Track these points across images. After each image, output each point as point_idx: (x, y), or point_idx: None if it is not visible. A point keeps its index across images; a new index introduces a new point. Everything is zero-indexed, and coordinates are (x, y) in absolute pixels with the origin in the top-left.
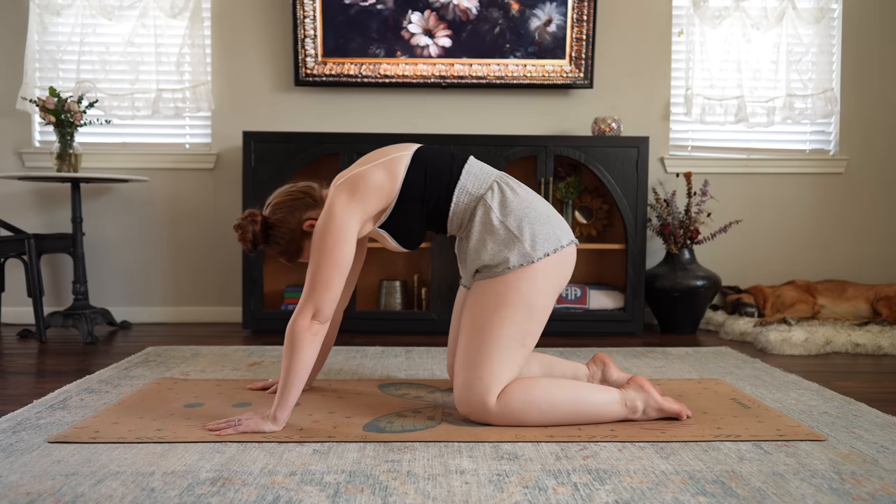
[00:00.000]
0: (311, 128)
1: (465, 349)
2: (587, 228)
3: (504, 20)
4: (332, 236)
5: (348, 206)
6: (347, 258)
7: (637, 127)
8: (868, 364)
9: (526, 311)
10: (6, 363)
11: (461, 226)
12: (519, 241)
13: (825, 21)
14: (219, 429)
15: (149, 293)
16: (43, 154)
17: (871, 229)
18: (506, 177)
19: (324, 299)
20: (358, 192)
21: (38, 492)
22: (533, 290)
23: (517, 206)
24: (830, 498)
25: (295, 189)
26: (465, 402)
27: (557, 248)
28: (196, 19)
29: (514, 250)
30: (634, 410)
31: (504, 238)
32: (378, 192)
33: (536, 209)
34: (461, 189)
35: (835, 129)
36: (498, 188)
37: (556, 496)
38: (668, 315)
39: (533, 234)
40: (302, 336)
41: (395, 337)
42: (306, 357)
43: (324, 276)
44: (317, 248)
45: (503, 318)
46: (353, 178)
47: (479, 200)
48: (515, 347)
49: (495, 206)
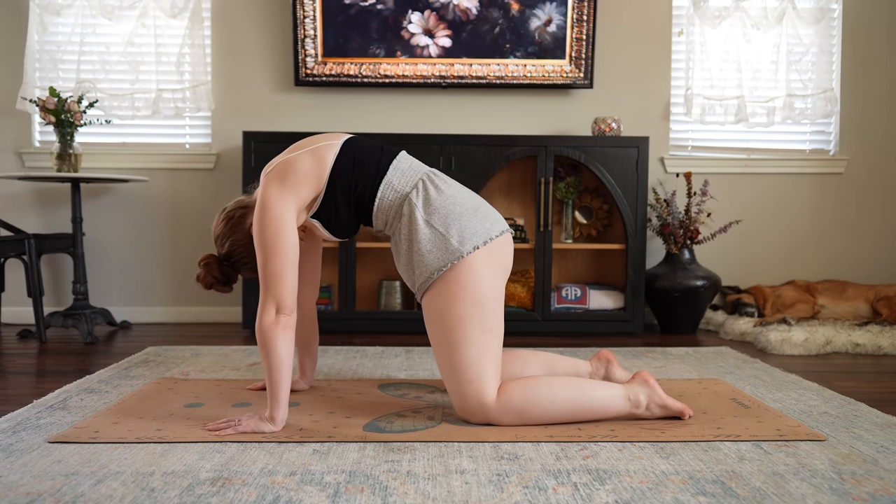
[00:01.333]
0: (311, 128)
1: (441, 362)
2: (587, 228)
3: (504, 20)
4: (272, 227)
5: (281, 194)
6: (293, 246)
7: (637, 127)
8: (868, 364)
9: (477, 304)
10: (6, 363)
11: (387, 223)
12: (446, 239)
13: (825, 21)
14: (219, 429)
15: (149, 293)
16: (43, 154)
17: (871, 229)
18: (434, 173)
19: (281, 291)
20: (288, 179)
21: (38, 492)
22: (475, 283)
23: (442, 204)
24: (830, 498)
25: (227, 211)
26: (464, 409)
27: (487, 240)
28: (196, 19)
29: (445, 249)
30: (638, 405)
31: (431, 238)
32: (307, 178)
33: (463, 204)
34: (387, 185)
35: (835, 129)
36: (423, 186)
37: (556, 496)
38: (668, 315)
39: (461, 229)
40: (271, 332)
41: (395, 337)
42: (282, 352)
43: (274, 269)
44: (259, 244)
45: (460, 319)
46: (281, 165)
47: (404, 199)
48: (484, 340)
49: (420, 204)
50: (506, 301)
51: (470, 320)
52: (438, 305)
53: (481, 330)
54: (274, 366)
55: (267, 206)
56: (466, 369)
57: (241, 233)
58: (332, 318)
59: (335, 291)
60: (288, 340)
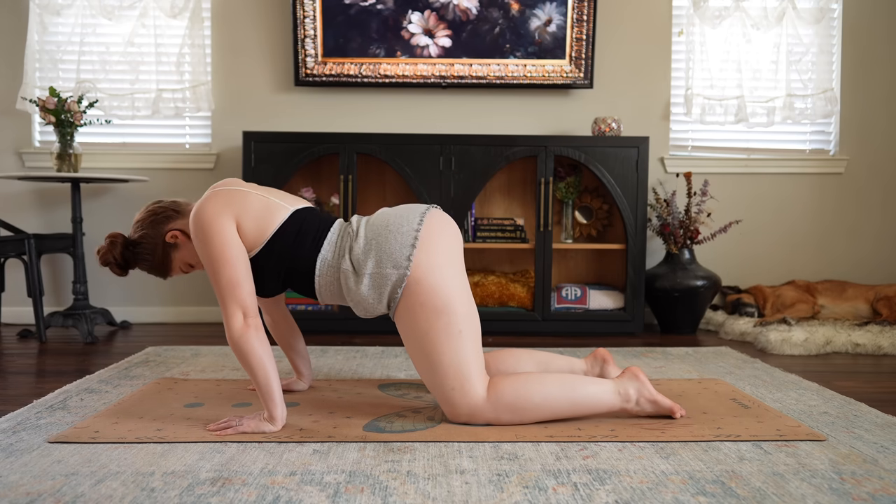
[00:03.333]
0: (311, 128)
1: (423, 376)
2: (587, 228)
3: (504, 20)
4: (216, 242)
5: (220, 210)
6: (241, 255)
7: (637, 127)
8: (868, 364)
9: (437, 313)
10: (6, 363)
11: (333, 295)
12: (382, 275)
13: (825, 21)
14: (219, 429)
15: (149, 293)
16: (43, 154)
17: (871, 229)
18: (348, 224)
19: (241, 296)
20: (234, 206)
21: (38, 492)
22: (428, 293)
23: (361, 249)
24: (830, 498)
25: (158, 205)
26: (454, 415)
27: (414, 242)
28: (196, 19)
29: (388, 279)
30: (628, 399)
31: (372, 282)
32: (254, 221)
33: (376, 231)
34: (322, 260)
35: (835, 129)
36: (343, 248)
37: (556, 496)
38: (668, 315)
39: (386, 254)
40: (244, 336)
41: (395, 337)
42: (260, 352)
43: (230, 278)
44: (208, 259)
45: (426, 333)
46: (231, 192)
47: (338, 270)
48: (456, 344)
49: (348, 266)
50: (506, 301)
51: (435, 332)
52: (404, 325)
53: (449, 335)
54: (257, 367)
55: (208, 223)
56: (447, 378)
57: (158, 233)
58: (332, 319)
59: None
60: (262, 340)
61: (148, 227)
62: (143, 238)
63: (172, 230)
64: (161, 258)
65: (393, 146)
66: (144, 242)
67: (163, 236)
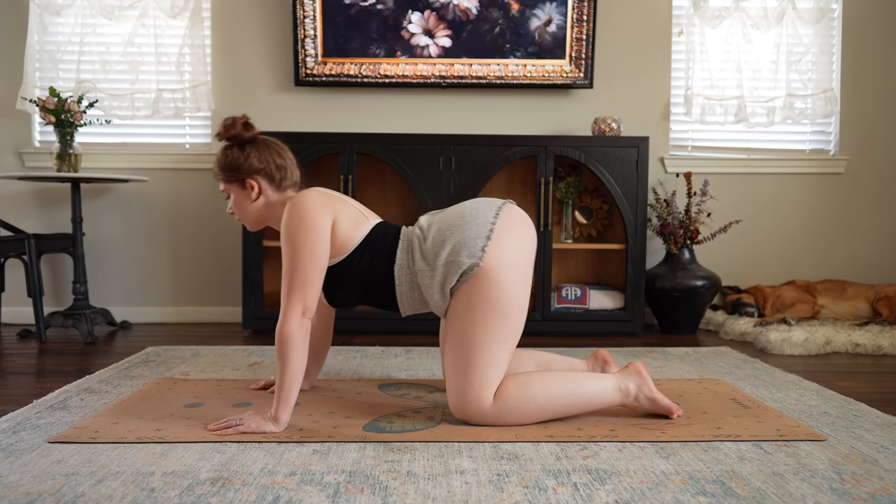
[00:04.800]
0: (311, 128)
1: (449, 359)
2: (587, 228)
3: (504, 20)
4: (308, 234)
5: (322, 206)
6: (324, 255)
7: (637, 127)
8: (868, 364)
9: (496, 312)
10: (6, 363)
11: (414, 303)
12: (457, 259)
13: (825, 21)
14: (220, 429)
15: (149, 293)
16: (43, 154)
17: (871, 229)
18: (416, 226)
19: (308, 296)
20: (334, 207)
21: (38, 492)
22: (496, 290)
23: (434, 242)
24: (830, 498)
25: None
26: (461, 410)
27: (489, 234)
28: (196, 19)
29: (460, 266)
30: (627, 394)
31: (445, 269)
32: (345, 228)
33: (449, 223)
34: (399, 270)
35: (835, 129)
36: (410, 247)
37: (556, 496)
38: (668, 315)
39: (460, 243)
40: (295, 336)
41: (395, 337)
42: (301, 356)
43: (305, 274)
44: (291, 246)
45: (481, 323)
46: (334, 195)
47: (413, 273)
48: (497, 349)
49: (422, 266)
50: None
51: (485, 327)
52: (457, 308)
53: (495, 337)
54: (290, 369)
55: (309, 212)
56: (472, 373)
57: (245, 161)
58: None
59: None
60: (306, 345)
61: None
62: (233, 158)
63: (255, 179)
64: (234, 175)
65: (393, 146)
66: (229, 160)
67: (247, 171)
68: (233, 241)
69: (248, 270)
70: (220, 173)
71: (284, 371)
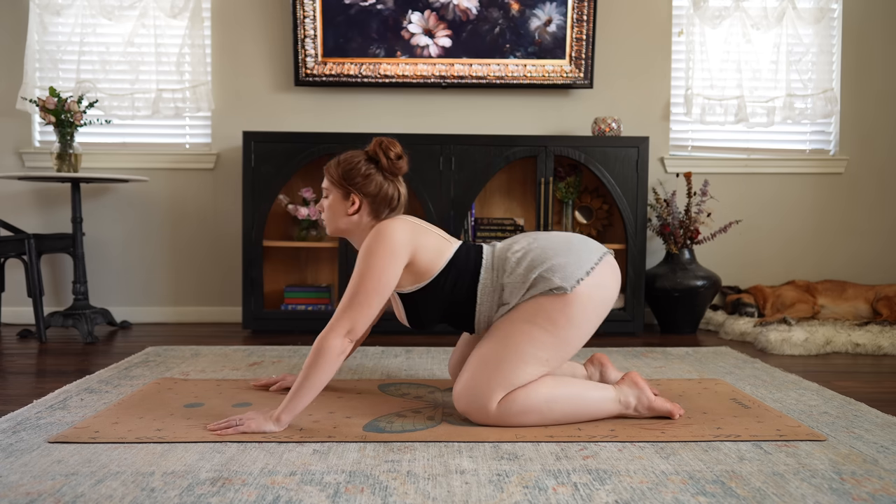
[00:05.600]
0: (311, 128)
1: (483, 352)
2: (587, 228)
3: (504, 20)
4: (383, 258)
5: (405, 239)
6: (392, 282)
7: (637, 127)
8: (868, 364)
9: (552, 335)
10: (6, 363)
11: (489, 320)
12: (549, 276)
13: (825, 21)
14: (220, 429)
15: (149, 293)
16: (43, 154)
17: (871, 229)
18: (499, 252)
19: (360, 318)
20: (417, 238)
21: (38, 492)
22: (564, 316)
23: (533, 258)
24: (830, 498)
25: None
26: (466, 399)
27: (589, 271)
28: (196, 19)
29: (549, 283)
30: (627, 406)
31: (534, 282)
32: (427, 257)
33: (552, 247)
34: (482, 289)
35: (835, 129)
36: (497, 268)
37: (556, 496)
38: (668, 315)
39: (560, 266)
40: (332, 352)
41: (395, 337)
42: (330, 373)
43: (366, 295)
44: (364, 266)
45: (530, 335)
46: (418, 225)
47: (499, 289)
48: (533, 364)
49: (511, 279)
50: None
51: (534, 340)
52: (520, 314)
53: (535, 355)
54: (313, 378)
55: (389, 238)
56: (496, 372)
57: (358, 175)
58: None
59: (335, 291)
60: (339, 364)
61: (360, 173)
62: (351, 168)
63: (356, 198)
64: (341, 182)
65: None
66: (350, 169)
67: (355, 187)
68: (233, 241)
69: (248, 270)
70: (332, 174)
71: (307, 379)
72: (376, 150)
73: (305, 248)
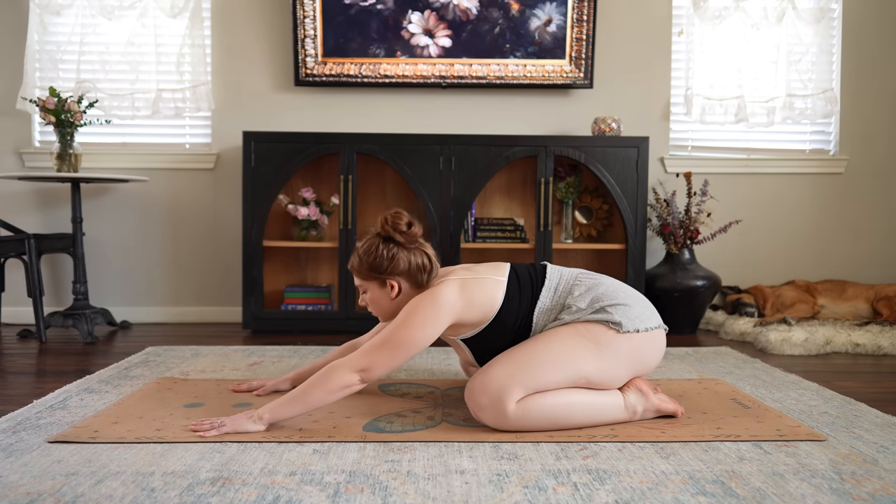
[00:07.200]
0: (311, 128)
1: (521, 348)
2: (587, 228)
3: (504, 20)
4: (425, 316)
5: (456, 298)
6: (425, 342)
7: (637, 127)
8: (868, 364)
9: (594, 355)
10: (6, 363)
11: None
12: (611, 313)
13: (825, 21)
14: (201, 429)
15: (149, 293)
16: (43, 154)
17: (871, 229)
18: (567, 276)
19: (380, 363)
20: (466, 293)
21: (38, 492)
22: (607, 340)
23: (605, 292)
24: (830, 498)
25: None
26: (481, 393)
27: (649, 326)
28: (196, 19)
29: (611, 317)
30: (634, 414)
31: (595, 314)
32: (480, 307)
33: (626, 293)
34: (540, 310)
35: (835, 129)
36: (561, 291)
37: (556, 496)
38: (668, 315)
39: (629, 309)
40: (336, 382)
41: None
42: (325, 401)
43: (395, 344)
44: (406, 317)
45: (572, 349)
46: (468, 281)
47: (560, 308)
48: (563, 372)
49: (578, 304)
50: None
51: (573, 353)
52: (570, 328)
53: (569, 366)
54: (307, 399)
55: (434, 298)
56: (524, 370)
57: (390, 262)
58: (332, 318)
59: (335, 291)
60: (338, 397)
61: (396, 256)
62: (374, 258)
63: (396, 281)
64: (371, 273)
65: (393, 146)
66: (374, 259)
67: (390, 270)
68: (233, 241)
69: (248, 270)
70: (360, 270)
71: (304, 394)
72: (386, 228)
73: (305, 248)
